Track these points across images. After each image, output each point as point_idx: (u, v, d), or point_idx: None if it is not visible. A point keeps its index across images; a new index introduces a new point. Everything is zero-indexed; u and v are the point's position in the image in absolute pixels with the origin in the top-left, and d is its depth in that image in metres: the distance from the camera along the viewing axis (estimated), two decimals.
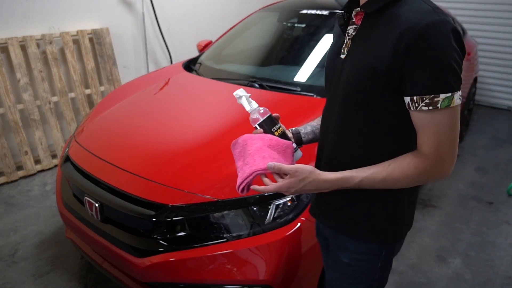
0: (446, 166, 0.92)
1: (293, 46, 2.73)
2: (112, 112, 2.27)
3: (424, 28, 0.85)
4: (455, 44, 0.86)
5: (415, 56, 0.86)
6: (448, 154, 0.91)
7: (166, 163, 1.73)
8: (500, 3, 4.51)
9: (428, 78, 0.86)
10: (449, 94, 0.86)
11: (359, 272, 1.13)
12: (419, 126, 0.92)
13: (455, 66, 0.86)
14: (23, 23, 3.19)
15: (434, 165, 0.92)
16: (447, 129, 0.89)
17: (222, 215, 1.54)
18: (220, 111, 2.09)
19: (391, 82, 0.90)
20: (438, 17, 0.86)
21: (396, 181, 0.95)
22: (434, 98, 0.86)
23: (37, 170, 3.30)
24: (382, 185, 0.96)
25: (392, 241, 1.09)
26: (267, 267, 1.49)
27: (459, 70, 0.87)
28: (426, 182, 0.97)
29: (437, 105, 0.86)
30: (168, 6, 4.21)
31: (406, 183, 0.95)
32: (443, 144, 0.90)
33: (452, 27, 0.86)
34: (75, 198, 1.92)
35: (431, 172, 0.93)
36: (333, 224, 1.14)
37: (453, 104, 0.86)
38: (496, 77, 4.85)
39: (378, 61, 0.90)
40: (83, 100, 3.55)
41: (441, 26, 0.85)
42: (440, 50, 0.85)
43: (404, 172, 0.94)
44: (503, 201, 2.97)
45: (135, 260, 1.58)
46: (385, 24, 0.91)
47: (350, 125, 1.01)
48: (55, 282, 2.16)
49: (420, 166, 0.92)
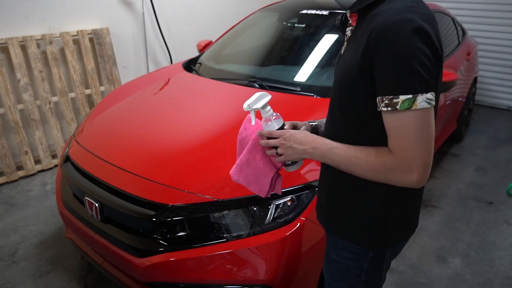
0: (411, 173, 0.87)
1: (293, 46, 2.73)
2: (112, 112, 2.27)
3: (385, 28, 0.84)
4: (421, 44, 0.82)
5: (377, 56, 0.85)
6: (414, 161, 0.86)
7: (166, 163, 1.73)
8: (500, 3, 4.51)
9: (387, 78, 0.85)
10: (410, 96, 0.83)
11: (345, 270, 1.13)
12: (386, 128, 0.90)
13: (418, 68, 0.82)
14: (23, 23, 3.19)
15: (399, 167, 0.88)
16: (411, 133, 0.85)
17: (222, 215, 1.54)
18: (220, 111, 2.09)
19: (364, 83, 0.90)
20: (403, 16, 0.84)
21: (358, 161, 0.92)
22: (393, 99, 0.84)
23: (37, 170, 3.30)
24: (347, 162, 0.94)
25: (376, 247, 1.07)
26: (267, 267, 1.49)
27: (426, 72, 0.83)
28: (386, 178, 0.91)
29: (396, 107, 0.84)
30: (168, 6, 4.22)
31: (366, 168, 0.92)
32: (407, 148, 0.86)
33: (416, 27, 0.83)
34: (75, 198, 1.92)
35: (394, 169, 0.88)
36: (323, 221, 1.16)
37: (415, 107, 0.83)
38: (496, 77, 4.85)
39: (354, 62, 0.91)
40: (83, 100, 3.55)
41: (401, 26, 0.83)
42: (399, 51, 0.82)
43: (368, 155, 0.91)
44: (503, 201, 2.97)
45: (135, 260, 1.58)
46: (366, 25, 0.91)
47: (336, 126, 1.04)
48: (55, 282, 2.17)
49: (384, 157, 0.89)
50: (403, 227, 1.08)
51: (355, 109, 0.96)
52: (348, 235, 1.08)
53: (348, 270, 1.12)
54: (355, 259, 1.09)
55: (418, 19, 0.84)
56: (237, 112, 2.04)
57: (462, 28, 3.77)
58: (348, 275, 1.13)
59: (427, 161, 0.87)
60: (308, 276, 1.64)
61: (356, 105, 0.95)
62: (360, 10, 0.96)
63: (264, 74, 2.50)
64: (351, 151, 0.94)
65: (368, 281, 1.12)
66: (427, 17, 0.86)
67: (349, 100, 0.96)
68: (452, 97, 3.19)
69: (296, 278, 1.57)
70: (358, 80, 0.91)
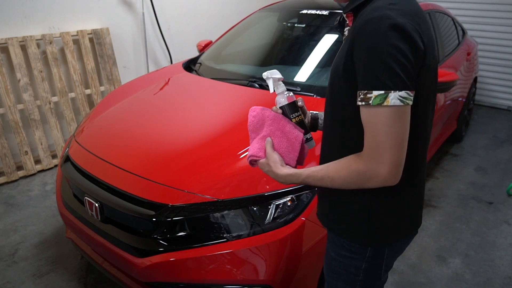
0: (380, 169, 0.87)
1: (293, 46, 2.73)
2: (112, 112, 2.27)
3: (362, 26, 0.86)
4: (396, 41, 0.82)
5: (355, 52, 0.87)
6: (383, 157, 0.86)
7: (166, 163, 1.73)
8: (500, 3, 4.51)
9: (362, 73, 0.86)
10: (382, 92, 0.83)
11: (342, 268, 1.13)
12: (363, 123, 0.90)
13: (392, 64, 0.82)
14: (23, 23, 3.19)
15: (368, 166, 0.88)
16: (382, 129, 0.85)
17: (222, 215, 1.54)
18: (220, 111, 2.09)
19: (347, 80, 0.92)
20: (379, 13, 0.85)
21: (332, 180, 0.94)
22: (367, 94, 0.85)
23: (37, 170, 3.30)
24: (322, 183, 0.96)
25: (370, 244, 1.06)
26: (267, 267, 1.49)
27: (401, 69, 0.83)
28: (363, 184, 0.91)
29: (369, 102, 0.85)
30: (168, 6, 4.22)
31: (341, 183, 0.93)
32: (378, 145, 0.86)
33: (391, 23, 0.83)
34: (75, 198, 1.92)
35: (365, 173, 0.88)
36: (321, 217, 1.17)
37: (387, 103, 0.83)
38: (496, 77, 4.86)
39: (340, 60, 0.94)
40: (83, 100, 3.55)
41: (376, 23, 0.84)
42: (372, 47, 0.83)
43: (338, 172, 0.93)
44: (503, 201, 2.97)
45: (135, 260, 1.58)
46: (355, 24, 0.93)
47: (328, 124, 1.06)
48: (55, 282, 2.17)
49: (353, 166, 0.90)
50: (398, 225, 1.06)
51: (340, 106, 0.98)
52: (343, 232, 1.09)
53: (345, 268, 1.12)
54: (352, 257, 1.09)
55: (395, 16, 0.84)
56: (237, 112, 2.04)
57: (462, 28, 3.77)
58: (345, 273, 1.12)
59: (395, 160, 0.86)
60: (308, 276, 1.64)
61: (341, 103, 0.97)
62: (353, 10, 0.98)
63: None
64: (321, 174, 0.96)
65: (366, 281, 1.12)
66: (407, 13, 0.86)
67: (336, 97, 0.99)
68: (452, 97, 3.20)
69: (296, 278, 1.57)
70: (342, 77, 0.93)
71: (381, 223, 1.04)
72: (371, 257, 1.07)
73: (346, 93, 0.94)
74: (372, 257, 1.07)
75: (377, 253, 1.07)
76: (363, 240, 1.06)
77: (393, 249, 1.10)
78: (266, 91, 2.21)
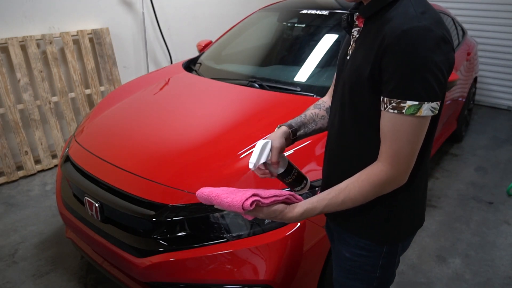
0: (401, 176, 0.92)
1: (293, 46, 2.73)
2: (112, 112, 2.27)
3: (400, 34, 0.84)
4: (436, 55, 0.84)
5: (389, 59, 0.86)
6: (403, 164, 0.91)
7: (166, 163, 1.73)
8: (500, 3, 4.51)
9: (397, 82, 0.86)
10: (417, 102, 0.85)
11: (358, 268, 1.13)
12: (383, 130, 0.92)
13: (429, 77, 0.84)
14: (23, 23, 3.19)
15: (388, 174, 0.91)
16: (406, 138, 0.88)
17: (222, 215, 1.54)
18: (220, 111, 2.09)
19: (374, 85, 0.91)
20: (419, 23, 0.84)
21: (355, 201, 0.94)
22: (400, 103, 0.86)
23: (37, 170, 3.30)
24: (343, 207, 0.95)
25: (389, 242, 1.08)
26: (267, 267, 1.49)
27: (436, 82, 0.85)
28: (382, 192, 0.95)
29: (402, 111, 0.86)
30: (168, 6, 4.22)
31: (363, 199, 0.94)
32: (400, 152, 0.89)
33: (432, 36, 0.84)
34: (75, 198, 1.92)
35: (386, 182, 0.92)
36: (334, 218, 1.16)
37: (420, 114, 0.86)
38: (496, 77, 4.85)
39: (365, 64, 0.92)
40: (83, 100, 3.55)
41: (416, 34, 0.83)
42: (413, 58, 0.83)
43: (359, 191, 0.93)
44: (503, 201, 2.97)
45: (135, 260, 1.58)
46: (376, 29, 0.91)
47: (346, 127, 1.03)
48: (55, 282, 2.17)
49: (375, 178, 0.92)
50: (412, 221, 1.11)
51: (365, 110, 0.97)
52: (361, 232, 1.09)
53: (361, 267, 1.12)
54: (368, 256, 1.10)
55: (434, 27, 0.85)
56: (237, 112, 2.04)
57: (462, 28, 3.77)
58: (361, 272, 1.13)
59: (411, 165, 0.92)
60: (308, 276, 1.64)
61: (366, 107, 0.96)
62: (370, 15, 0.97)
63: (264, 74, 2.50)
64: (341, 198, 0.95)
65: (383, 277, 1.14)
66: (438, 22, 0.88)
67: (358, 102, 0.97)
68: (452, 97, 3.20)
69: (296, 278, 1.57)
70: (366, 82, 0.92)
71: (398, 220, 1.07)
72: (387, 253, 1.10)
73: (371, 98, 0.94)
74: (388, 253, 1.10)
75: (392, 249, 1.10)
76: (382, 238, 1.08)
77: (404, 244, 1.14)
78: (265, 91, 2.21)
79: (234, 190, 0.98)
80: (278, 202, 0.97)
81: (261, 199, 0.95)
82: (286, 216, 0.97)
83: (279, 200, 0.97)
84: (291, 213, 0.97)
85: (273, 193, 0.97)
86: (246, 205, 0.93)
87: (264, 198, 0.95)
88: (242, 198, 0.93)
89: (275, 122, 1.87)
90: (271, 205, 0.96)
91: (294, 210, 0.97)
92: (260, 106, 2.09)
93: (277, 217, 0.97)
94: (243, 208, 0.93)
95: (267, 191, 0.98)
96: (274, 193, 0.97)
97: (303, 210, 0.96)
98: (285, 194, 0.98)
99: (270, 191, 0.98)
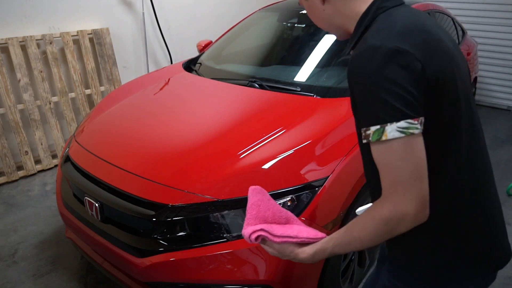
0: (406, 209, 0.79)
1: (293, 46, 2.73)
2: (112, 112, 2.27)
3: (350, 62, 0.82)
4: (383, 70, 0.77)
5: (350, 90, 0.84)
6: (405, 195, 0.79)
7: (166, 163, 1.73)
8: (500, 3, 4.51)
9: (360, 110, 0.82)
10: (378, 126, 0.78)
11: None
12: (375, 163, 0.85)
13: (385, 96, 0.76)
14: (23, 23, 3.19)
15: (391, 210, 0.80)
16: (393, 166, 0.79)
17: (222, 215, 1.54)
18: (220, 111, 2.09)
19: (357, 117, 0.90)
20: (366, 45, 0.80)
21: (360, 240, 0.85)
22: (366, 131, 0.80)
23: (37, 170, 3.30)
24: (351, 247, 0.88)
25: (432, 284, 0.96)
26: (267, 267, 1.49)
27: (396, 99, 0.76)
28: (393, 232, 0.82)
29: (369, 138, 0.80)
30: (168, 6, 4.22)
31: (370, 238, 0.84)
32: (396, 183, 0.79)
33: (374, 53, 0.78)
34: (75, 198, 1.92)
35: (389, 217, 0.80)
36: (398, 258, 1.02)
37: (385, 137, 0.77)
38: (496, 77, 4.85)
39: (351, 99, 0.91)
40: (83, 100, 3.55)
41: (360, 56, 0.80)
42: (363, 80, 0.79)
43: (364, 228, 0.84)
44: (503, 201, 2.97)
45: (135, 260, 1.58)
46: None
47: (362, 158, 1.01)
48: (55, 282, 2.17)
49: (377, 215, 0.82)
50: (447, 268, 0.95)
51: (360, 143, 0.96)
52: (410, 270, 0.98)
53: None
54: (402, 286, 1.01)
55: (380, 43, 0.79)
56: (237, 112, 2.04)
57: (462, 28, 3.78)
58: None
59: (419, 194, 0.79)
60: (308, 276, 1.64)
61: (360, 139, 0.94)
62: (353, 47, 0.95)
63: (264, 74, 2.50)
64: (348, 237, 0.88)
65: None
66: (398, 34, 0.81)
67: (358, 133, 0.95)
68: None
69: (296, 278, 1.57)
70: (355, 115, 0.91)
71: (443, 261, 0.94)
72: None
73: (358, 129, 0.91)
74: None
75: None
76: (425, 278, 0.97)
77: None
78: (266, 91, 2.21)
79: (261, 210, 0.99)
80: (291, 243, 0.95)
81: (270, 236, 0.95)
82: (298, 257, 0.94)
83: (292, 241, 0.96)
84: (303, 253, 0.94)
85: (288, 234, 0.96)
86: (252, 237, 0.96)
87: (275, 236, 0.95)
88: (252, 229, 0.96)
89: (275, 122, 1.88)
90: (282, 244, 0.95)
91: (306, 250, 0.94)
92: (260, 106, 2.09)
93: (290, 257, 0.95)
94: (249, 238, 0.97)
95: (287, 229, 0.97)
96: (289, 234, 0.96)
97: (313, 251, 0.93)
98: (302, 237, 0.95)
99: (289, 229, 0.97)
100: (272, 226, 0.97)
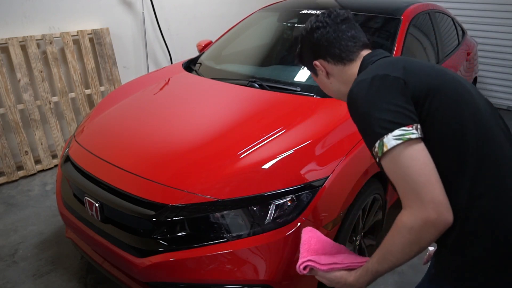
0: (425, 214, 0.81)
1: (293, 46, 2.73)
2: (112, 112, 2.27)
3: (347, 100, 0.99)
4: (371, 90, 0.91)
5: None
6: (420, 200, 0.81)
7: (166, 163, 1.73)
8: (500, 3, 4.51)
9: (362, 136, 0.96)
10: (378, 141, 0.88)
11: None
12: None
13: (376, 113, 0.88)
14: (23, 23, 3.19)
15: (411, 217, 0.83)
16: (401, 174, 0.85)
17: (222, 215, 1.54)
18: (220, 111, 2.09)
19: None
20: (355, 81, 0.97)
21: (392, 253, 0.89)
22: (374, 150, 0.90)
23: (37, 170, 3.30)
24: (389, 262, 0.91)
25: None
26: (267, 267, 1.49)
27: (386, 113, 0.87)
28: (422, 240, 0.85)
29: (379, 155, 0.89)
30: (168, 6, 4.22)
31: (401, 250, 0.87)
32: (408, 190, 0.84)
33: (368, 79, 0.93)
34: (75, 198, 1.92)
35: (413, 227, 0.83)
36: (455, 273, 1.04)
37: (386, 148, 0.86)
38: (496, 77, 4.86)
39: None
40: (83, 100, 3.55)
41: (353, 89, 0.95)
42: (355, 110, 0.94)
43: (393, 242, 0.89)
44: None
45: (135, 260, 1.58)
46: None
47: None
48: (55, 282, 2.17)
49: (400, 227, 0.86)
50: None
51: None
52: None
53: None
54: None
55: (369, 75, 0.94)
56: (237, 112, 2.04)
57: (462, 28, 3.78)
58: None
59: (434, 196, 0.81)
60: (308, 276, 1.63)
61: None
62: None
63: (264, 74, 2.50)
64: (384, 252, 0.92)
65: None
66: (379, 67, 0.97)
67: None
68: None
69: (296, 278, 1.57)
70: None
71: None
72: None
73: None
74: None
75: None
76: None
77: None
78: (266, 91, 2.21)
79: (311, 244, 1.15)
80: (337, 269, 1.05)
81: (317, 265, 1.07)
82: (348, 281, 1.02)
83: (338, 267, 1.05)
84: (350, 276, 1.02)
85: (334, 261, 1.06)
86: (301, 267, 1.10)
87: (321, 264, 1.06)
88: (301, 261, 1.09)
89: (275, 122, 1.88)
90: (330, 271, 1.06)
91: (353, 274, 1.02)
92: (260, 106, 2.09)
93: (340, 283, 1.03)
94: (299, 269, 1.10)
95: (333, 257, 1.09)
96: (334, 261, 1.06)
97: (359, 273, 1.00)
98: (347, 263, 1.06)
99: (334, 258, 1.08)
100: (320, 256, 1.09)
